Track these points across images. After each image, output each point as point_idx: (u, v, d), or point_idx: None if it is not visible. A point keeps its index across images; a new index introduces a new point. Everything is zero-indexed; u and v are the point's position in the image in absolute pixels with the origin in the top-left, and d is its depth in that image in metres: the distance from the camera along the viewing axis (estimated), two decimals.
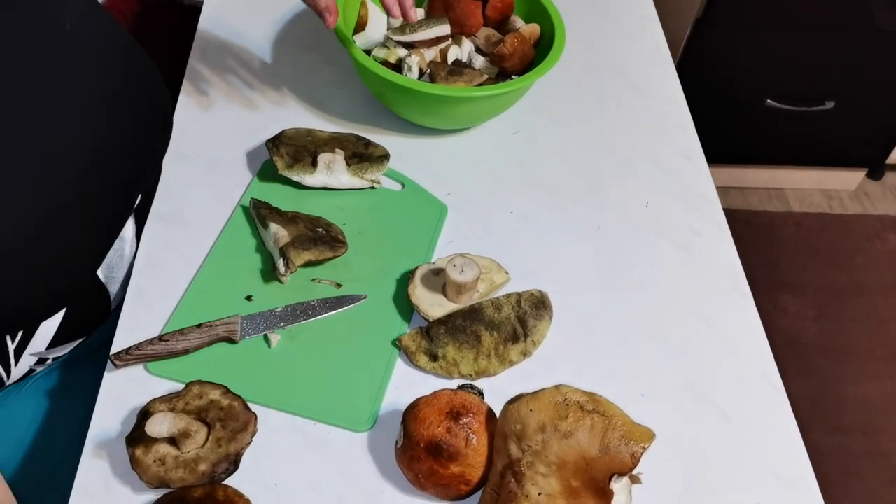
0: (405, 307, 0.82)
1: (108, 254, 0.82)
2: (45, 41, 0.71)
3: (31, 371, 0.87)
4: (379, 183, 0.93)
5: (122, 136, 0.77)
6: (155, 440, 0.67)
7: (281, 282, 0.83)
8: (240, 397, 0.72)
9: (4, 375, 0.81)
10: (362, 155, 0.93)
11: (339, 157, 0.91)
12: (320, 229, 0.86)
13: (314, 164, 0.90)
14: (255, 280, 0.84)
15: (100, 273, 0.82)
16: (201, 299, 0.82)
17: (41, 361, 0.85)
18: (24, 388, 0.90)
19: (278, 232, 0.83)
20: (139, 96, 0.80)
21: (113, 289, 0.86)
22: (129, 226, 0.86)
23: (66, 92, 0.72)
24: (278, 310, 0.81)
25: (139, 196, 0.82)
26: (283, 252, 0.81)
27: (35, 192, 0.69)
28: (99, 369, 0.77)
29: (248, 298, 0.82)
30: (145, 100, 0.81)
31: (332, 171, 0.91)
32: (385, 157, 0.93)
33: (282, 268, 0.81)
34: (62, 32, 0.72)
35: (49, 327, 0.79)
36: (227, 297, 0.82)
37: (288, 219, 0.85)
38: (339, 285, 0.84)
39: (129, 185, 0.80)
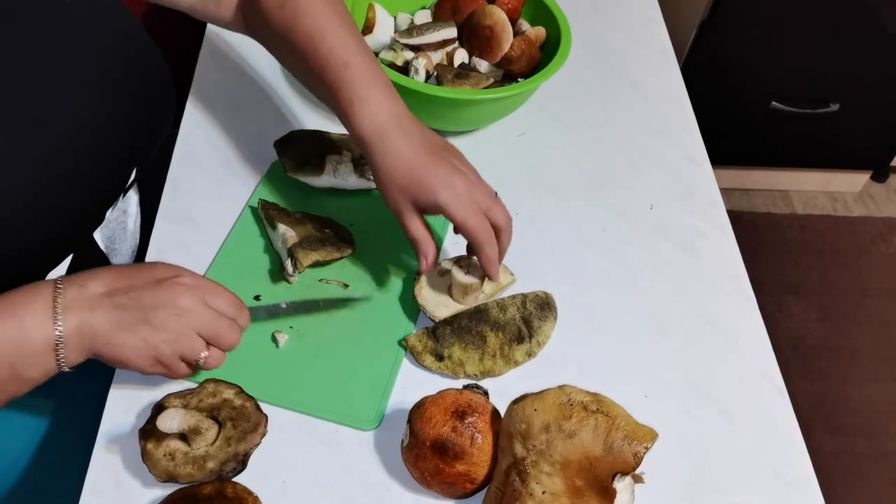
0: (411, 307, 0.83)
1: (110, 225, 0.82)
2: (43, 16, 0.71)
3: None
4: None
5: (121, 111, 0.77)
6: (167, 435, 0.68)
7: (289, 282, 0.84)
8: (252, 398, 0.73)
9: None
10: None
11: (346, 158, 0.92)
12: (328, 230, 0.87)
13: (322, 165, 0.91)
14: (262, 280, 0.85)
15: (99, 241, 0.82)
16: None
17: None
18: None
19: (286, 233, 0.84)
20: (138, 73, 0.80)
21: (115, 260, 0.86)
22: (133, 200, 0.86)
23: (63, 67, 0.73)
24: (283, 305, 0.82)
25: (134, 171, 0.82)
26: (291, 252, 0.82)
27: (30, 162, 0.70)
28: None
29: (257, 298, 0.83)
30: (145, 77, 0.81)
31: (340, 173, 0.92)
32: None
33: (290, 268, 0.82)
34: (61, 7, 0.73)
35: None
36: (236, 293, 0.83)
37: (296, 220, 0.86)
38: (346, 286, 0.85)
39: (125, 160, 0.80)
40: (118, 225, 0.84)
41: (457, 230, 0.76)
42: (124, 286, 0.66)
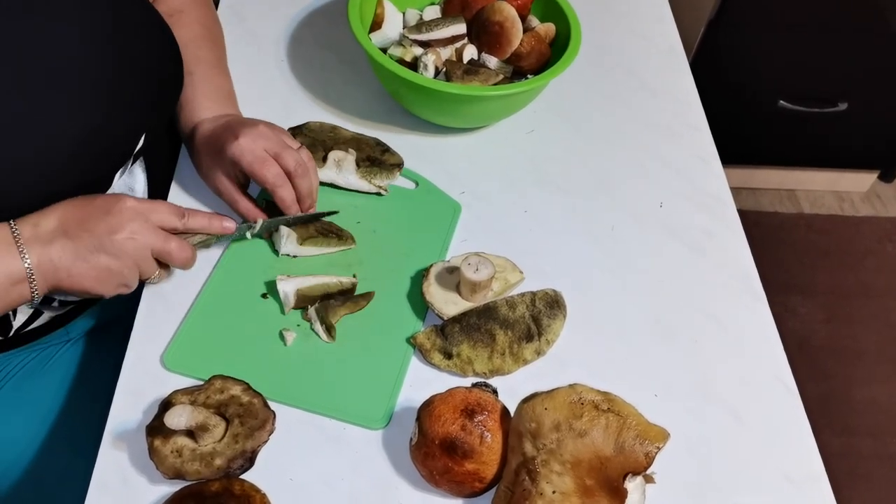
0: (419, 305, 0.83)
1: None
2: None
3: (52, 327, 0.88)
4: (386, 191, 0.92)
5: (129, 75, 0.79)
6: (174, 431, 0.68)
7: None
8: (260, 395, 0.73)
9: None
10: (376, 160, 0.93)
11: (350, 156, 0.91)
12: (332, 234, 0.87)
13: (325, 159, 0.91)
14: (270, 274, 0.84)
15: None
16: (219, 294, 0.82)
17: (65, 317, 0.88)
18: (47, 364, 0.91)
19: (291, 233, 0.84)
20: (148, 39, 0.82)
21: None
22: (141, 178, 0.86)
23: (74, 24, 0.73)
24: (258, 223, 0.84)
25: (142, 139, 0.83)
26: (322, 319, 0.80)
27: (43, 118, 0.71)
28: (119, 350, 0.78)
29: (264, 296, 0.82)
30: (153, 45, 0.83)
31: (341, 170, 0.91)
32: (398, 165, 0.93)
33: (323, 336, 0.80)
34: None
35: None
36: (244, 291, 0.83)
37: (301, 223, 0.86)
38: (354, 276, 0.84)
39: (133, 124, 0.81)
40: None
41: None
42: (76, 218, 0.70)
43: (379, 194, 0.93)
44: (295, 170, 0.83)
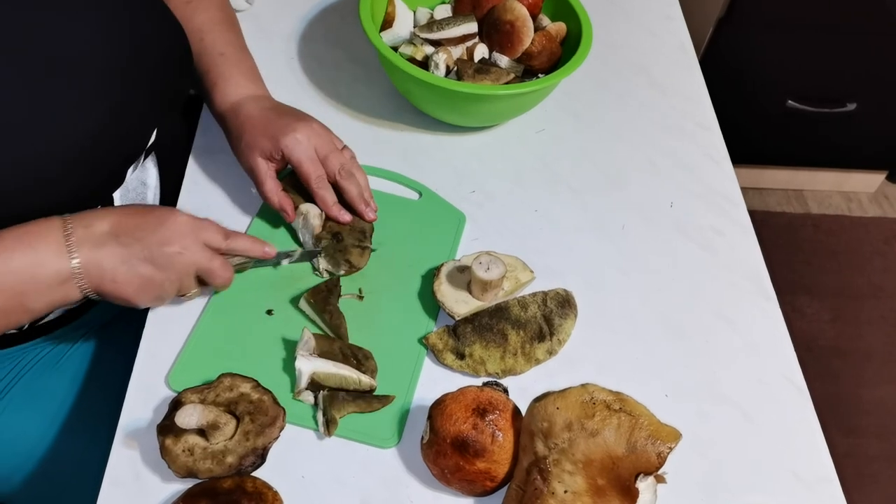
0: (431, 305, 0.83)
1: (130, 193, 0.83)
2: None
3: (66, 320, 0.88)
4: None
5: (141, 68, 0.79)
6: (185, 430, 0.68)
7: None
8: (269, 392, 0.73)
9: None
10: (342, 243, 0.86)
11: (311, 220, 0.86)
12: (353, 358, 0.78)
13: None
14: (275, 292, 0.82)
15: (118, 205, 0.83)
16: (224, 310, 0.81)
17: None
18: (61, 358, 0.91)
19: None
20: (158, 32, 0.82)
21: None
22: (153, 173, 0.87)
23: (83, 14, 0.74)
24: (296, 252, 0.84)
25: (154, 133, 0.84)
26: (326, 411, 0.74)
27: (54, 110, 0.71)
28: (132, 344, 0.78)
29: (269, 312, 0.81)
30: (165, 36, 0.83)
31: (305, 227, 0.86)
32: (351, 265, 0.84)
33: (321, 428, 0.74)
34: None
35: None
36: (249, 307, 0.81)
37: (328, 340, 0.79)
38: (361, 298, 0.83)
39: (145, 117, 0.82)
40: (137, 195, 0.85)
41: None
42: (129, 225, 0.70)
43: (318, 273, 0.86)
44: (339, 172, 0.84)
